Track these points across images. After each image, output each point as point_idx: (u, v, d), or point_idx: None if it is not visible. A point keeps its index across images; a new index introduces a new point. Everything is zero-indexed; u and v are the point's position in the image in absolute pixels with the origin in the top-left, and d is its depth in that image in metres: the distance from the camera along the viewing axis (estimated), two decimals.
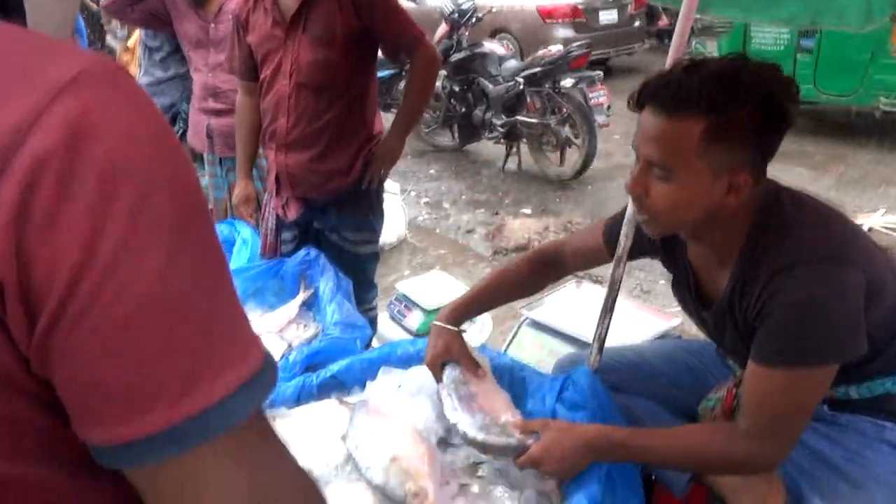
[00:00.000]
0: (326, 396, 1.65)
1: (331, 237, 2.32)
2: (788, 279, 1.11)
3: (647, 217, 1.21)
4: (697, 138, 1.09)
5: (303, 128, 2.16)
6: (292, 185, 2.26)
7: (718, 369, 1.53)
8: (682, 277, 1.39)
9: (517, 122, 5.48)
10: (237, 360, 0.46)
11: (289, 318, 2.16)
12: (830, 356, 1.13)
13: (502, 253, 4.21)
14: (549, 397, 1.45)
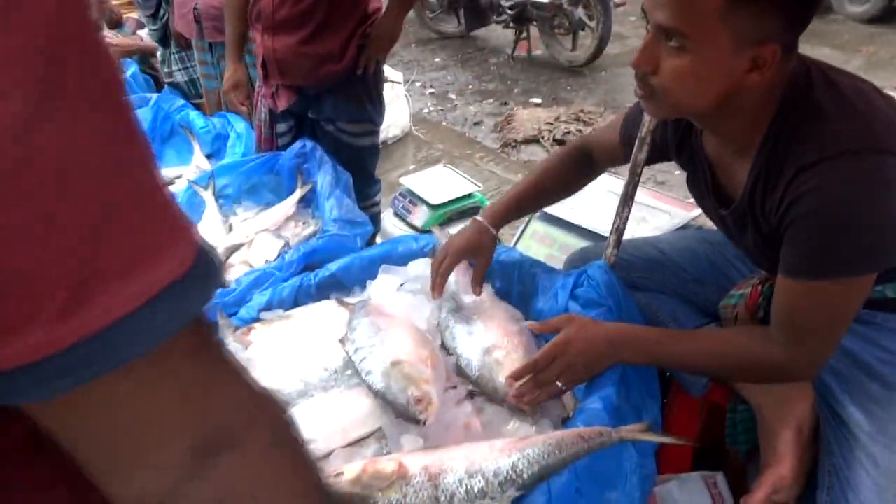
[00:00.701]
0: (326, 297, 1.57)
1: (327, 128, 2.15)
2: (818, 176, 0.95)
3: (651, 96, 1.04)
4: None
5: (290, 7, 1.95)
6: (281, 71, 2.07)
7: (743, 262, 1.41)
8: (698, 173, 1.24)
9: (527, 4, 5.14)
10: (154, 258, 0.34)
11: (286, 215, 2.06)
12: (869, 265, 1.00)
13: (511, 145, 4.04)
14: (561, 294, 1.35)
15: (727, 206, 1.18)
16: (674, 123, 1.25)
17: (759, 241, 1.14)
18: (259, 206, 2.19)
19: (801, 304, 1.05)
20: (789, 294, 1.06)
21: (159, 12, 2.96)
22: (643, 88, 1.04)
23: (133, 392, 0.35)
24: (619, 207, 1.32)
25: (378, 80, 2.17)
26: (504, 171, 3.66)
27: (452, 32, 6.16)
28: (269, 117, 2.22)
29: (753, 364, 1.13)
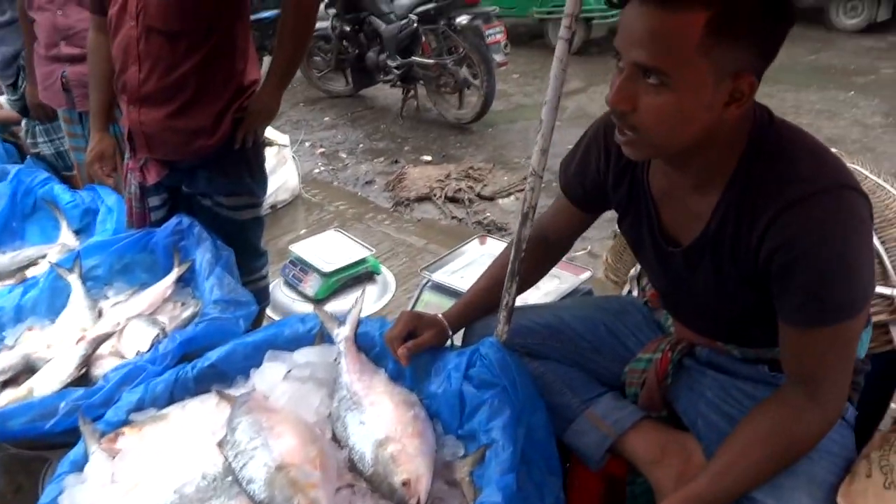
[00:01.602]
0: (205, 390, 1.45)
1: (203, 202, 2.03)
2: (803, 216, 0.97)
3: (631, 137, 1.02)
4: (700, 32, 0.91)
5: (157, 79, 1.84)
6: (149, 145, 1.95)
7: (642, 331, 1.42)
8: (640, 209, 1.22)
9: (413, 64, 5.23)
10: None
11: (162, 297, 1.92)
12: (866, 300, 1.03)
13: (404, 204, 4.02)
14: (454, 375, 1.31)
15: (676, 244, 1.18)
16: (616, 154, 1.22)
17: (713, 280, 1.13)
18: (132, 288, 2.03)
19: (810, 352, 1.05)
20: (796, 345, 1.06)
21: (18, 82, 2.76)
22: (623, 131, 1.03)
23: None
24: (507, 283, 1.30)
25: (258, 152, 2.08)
26: (397, 231, 3.63)
27: (341, 91, 6.16)
28: (140, 191, 2.07)
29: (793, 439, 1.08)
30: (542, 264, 1.51)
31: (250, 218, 2.11)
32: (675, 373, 1.31)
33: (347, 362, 1.40)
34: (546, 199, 3.91)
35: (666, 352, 1.31)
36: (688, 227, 1.14)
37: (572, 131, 5.31)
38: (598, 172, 1.28)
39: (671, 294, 1.32)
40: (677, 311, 1.35)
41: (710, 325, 1.28)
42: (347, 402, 1.31)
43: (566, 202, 1.39)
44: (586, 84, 6.08)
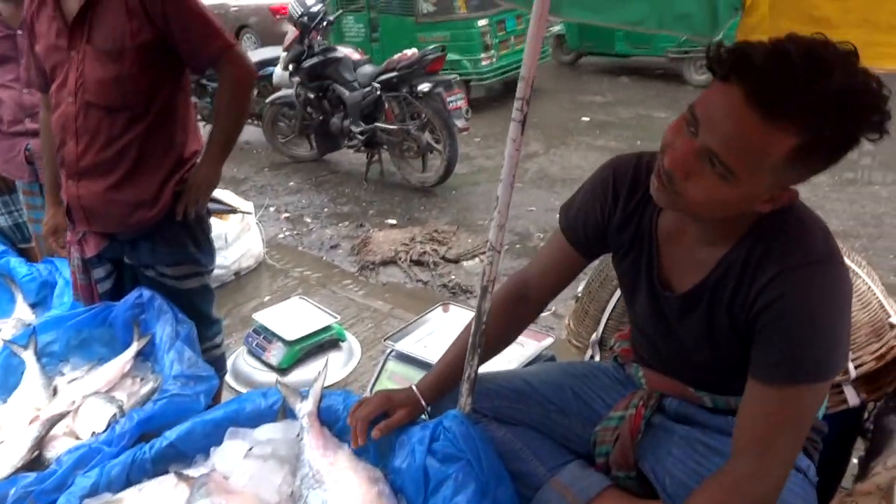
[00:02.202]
0: (164, 471, 1.42)
1: (147, 273, 2.02)
2: (798, 280, 1.03)
3: (669, 192, 1.05)
4: (784, 153, 0.94)
5: (95, 153, 1.85)
6: (88, 218, 1.94)
7: (607, 393, 1.44)
8: (642, 251, 1.25)
9: (376, 130, 5.32)
10: None
11: (121, 373, 1.88)
12: (837, 367, 1.07)
13: (369, 268, 4.03)
14: (419, 450, 1.30)
15: (671, 289, 1.21)
16: (627, 195, 1.25)
17: (703, 327, 1.17)
18: (90, 364, 1.98)
19: (772, 412, 1.07)
20: (761, 402, 1.09)
21: None
22: (662, 182, 1.06)
23: None
24: (469, 356, 1.31)
25: (202, 221, 2.06)
26: (363, 296, 3.63)
27: (305, 157, 6.22)
28: (83, 264, 2.06)
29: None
30: (520, 321, 1.51)
31: (197, 287, 2.09)
32: (644, 431, 1.33)
33: (310, 438, 1.38)
34: (509, 261, 3.97)
35: (639, 407, 1.33)
36: (688, 274, 1.19)
37: (533, 192, 5.44)
38: (602, 214, 1.30)
39: (656, 339, 1.35)
40: (656, 359, 1.38)
41: (686, 372, 1.31)
42: (310, 480, 1.29)
43: (563, 244, 1.40)
44: (546, 147, 6.25)
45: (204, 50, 1.84)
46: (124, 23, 1.76)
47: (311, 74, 5.59)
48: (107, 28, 1.77)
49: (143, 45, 1.77)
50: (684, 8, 1.87)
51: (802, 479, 1.22)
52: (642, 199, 1.25)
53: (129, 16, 1.75)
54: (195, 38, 1.82)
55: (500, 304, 1.45)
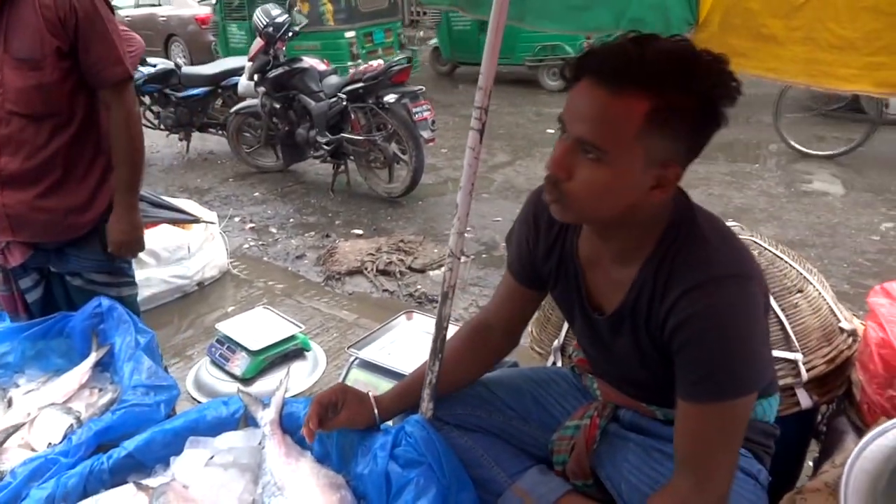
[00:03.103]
0: (122, 482, 1.39)
1: (74, 282, 2.01)
2: (702, 300, 1.05)
3: (560, 200, 1.09)
4: (641, 118, 0.99)
5: (21, 162, 1.84)
6: (14, 228, 1.91)
7: (567, 400, 1.46)
8: (569, 277, 1.29)
9: (343, 140, 5.33)
10: None
11: (80, 383, 1.84)
12: (756, 382, 1.10)
13: (335, 278, 4.02)
14: (380, 455, 1.30)
15: (600, 311, 1.23)
16: (546, 226, 1.29)
17: (632, 347, 1.20)
18: (46, 375, 1.94)
19: (702, 428, 1.10)
20: (691, 420, 1.11)
21: None
22: (552, 193, 1.09)
23: None
24: (430, 362, 1.32)
25: None
26: (328, 306, 3.62)
27: (271, 167, 6.19)
28: (4, 275, 2.03)
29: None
30: (486, 355, 1.51)
31: (128, 295, 2.10)
32: (600, 439, 1.35)
33: (272, 446, 1.38)
34: (476, 270, 4.00)
35: (594, 417, 1.36)
36: (611, 296, 1.22)
37: (499, 203, 5.49)
38: (528, 245, 1.35)
39: (598, 358, 1.38)
40: (604, 374, 1.40)
41: (634, 388, 1.34)
42: (272, 488, 1.29)
43: (510, 279, 1.44)
44: (512, 158, 6.31)
45: (105, 71, 1.85)
46: (42, 32, 1.75)
47: (277, 85, 5.58)
48: (24, 38, 1.77)
49: (59, 53, 1.77)
50: (643, 17, 1.92)
51: (754, 485, 1.25)
52: (562, 228, 1.29)
53: (44, 24, 1.75)
54: (99, 57, 1.83)
55: (462, 338, 1.48)
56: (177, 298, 3.55)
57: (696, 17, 1.91)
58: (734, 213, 4.77)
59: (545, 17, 1.94)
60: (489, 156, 6.24)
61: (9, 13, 1.75)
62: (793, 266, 1.79)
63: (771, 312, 1.63)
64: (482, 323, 1.47)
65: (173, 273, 3.51)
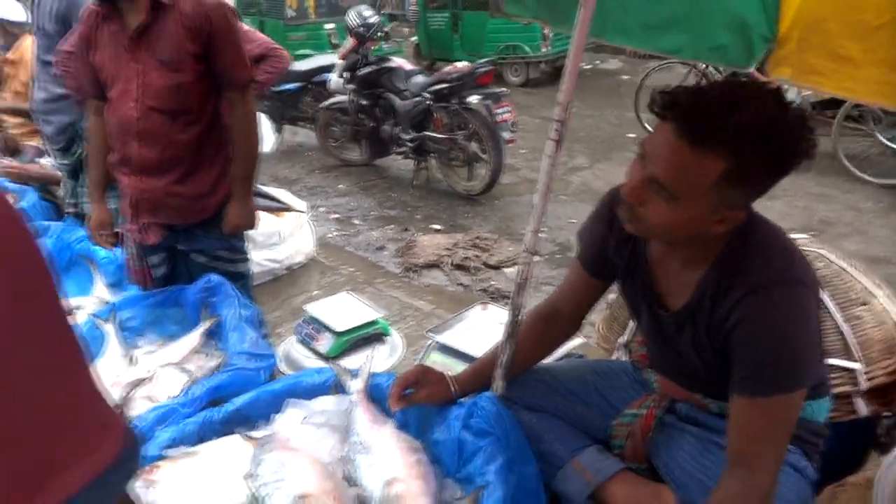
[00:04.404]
0: (231, 432, 1.61)
1: (197, 259, 2.31)
2: (759, 302, 1.17)
3: (632, 221, 1.23)
4: (715, 176, 1.10)
5: (158, 152, 2.12)
6: (152, 211, 2.22)
7: (627, 392, 1.58)
8: (637, 274, 1.42)
9: (425, 138, 5.53)
10: (91, 451, 0.43)
11: (191, 348, 2.09)
12: (803, 380, 1.20)
13: (413, 270, 4.22)
14: (455, 425, 1.47)
15: (666, 308, 1.36)
16: (619, 229, 1.38)
17: (693, 344, 1.32)
18: (162, 338, 2.21)
19: (751, 421, 1.21)
20: (741, 413, 1.23)
21: (72, 148, 3.01)
22: (626, 213, 1.24)
23: None
24: (503, 346, 1.47)
25: None
26: (406, 295, 3.81)
27: (356, 161, 6.46)
28: (138, 251, 2.33)
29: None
30: (552, 338, 1.67)
31: (244, 270, 2.41)
32: (657, 429, 1.47)
33: (360, 412, 1.56)
34: (549, 270, 4.11)
35: (651, 408, 1.48)
36: (677, 295, 1.34)
37: (577, 206, 5.54)
38: (602, 240, 1.48)
39: (659, 353, 1.50)
40: (664, 368, 1.52)
41: (692, 381, 1.45)
42: (358, 447, 1.47)
43: (579, 269, 1.57)
44: (591, 161, 6.37)
45: (232, 74, 2.11)
46: (181, 37, 2.02)
47: (366, 82, 5.83)
48: (166, 43, 2.03)
49: (196, 57, 2.03)
50: (722, 40, 1.99)
51: (799, 479, 1.34)
52: None
53: (184, 31, 2.01)
54: (227, 63, 2.08)
55: (531, 323, 1.62)
56: (268, 280, 3.83)
57: (775, 34, 1.97)
58: (817, 225, 4.69)
59: (625, 34, 2.04)
60: (568, 158, 6.31)
61: (155, 22, 2.01)
62: (858, 280, 1.84)
63: (830, 321, 1.71)
64: (549, 309, 1.61)
65: (266, 257, 3.77)
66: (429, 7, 10.66)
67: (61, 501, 0.41)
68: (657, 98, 1.16)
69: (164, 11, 2.01)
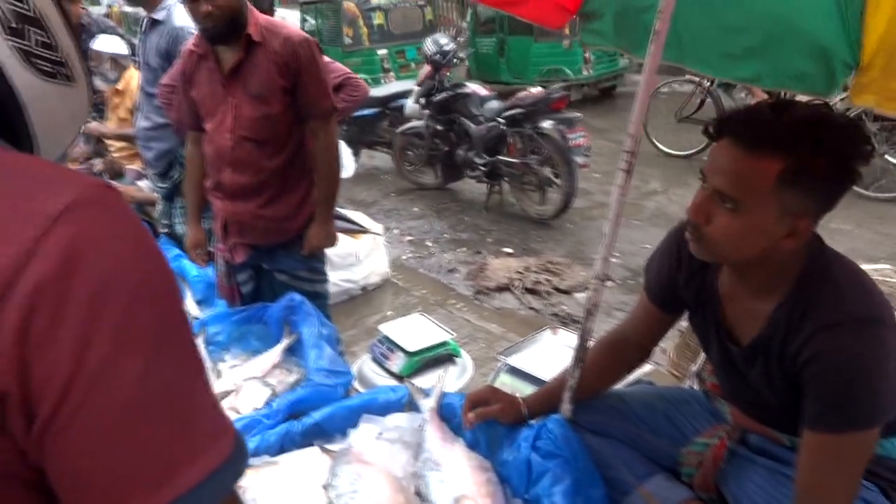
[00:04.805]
0: (309, 444, 1.70)
1: (279, 278, 2.46)
2: (834, 339, 1.16)
3: (700, 241, 1.25)
4: (774, 177, 1.13)
5: (248, 178, 2.28)
6: (240, 232, 2.39)
7: (698, 420, 1.58)
8: (707, 308, 1.43)
9: (498, 162, 5.60)
10: (210, 447, 0.51)
11: (273, 363, 2.20)
12: (878, 418, 1.19)
13: (484, 293, 4.27)
14: (524, 446, 1.50)
15: (736, 342, 1.37)
16: (689, 258, 1.41)
17: (765, 377, 1.32)
18: (246, 353, 2.33)
19: (822, 457, 1.21)
20: (812, 449, 1.22)
21: (169, 172, 3.23)
22: (693, 234, 1.26)
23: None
24: (572, 369, 1.50)
25: None
26: (477, 318, 3.86)
27: (430, 184, 6.59)
28: (227, 270, 2.48)
29: None
30: (620, 367, 1.68)
31: (322, 290, 2.55)
32: (728, 459, 1.47)
33: (431, 429, 1.62)
34: (621, 295, 4.08)
35: (723, 439, 1.47)
36: (747, 328, 1.34)
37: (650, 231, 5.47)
38: (670, 274, 1.50)
39: (731, 385, 1.49)
40: (736, 400, 1.51)
41: (764, 414, 1.44)
42: (430, 463, 1.53)
43: (646, 301, 1.59)
44: (665, 186, 6.28)
45: (316, 105, 2.26)
46: (272, 73, 2.18)
47: (441, 108, 5.96)
48: (258, 77, 2.19)
49: (284, 90, 2.19)
50: (802, 68, 1.98)
51: None
52: (704, 262, 1.41)
53: (274, 67, 2.17)
54: (311, 94, 2.23)
55: (599, 350, 1.64)
56: (344, 300, 3.96)
57: (857, 61, 1.94)
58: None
59: (701, 62, 2.05)
60: (642, 182, 6.25)
61: (248, 59, 2.18)
62: None
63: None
64: (618, 337, 1.63)
65: (343, 277, 3.91)
66: (478, 32, 11.00)
67: (178, 496, 0.48)
68: (710, 128, 1.22)
69: (256, 49, 2.16)
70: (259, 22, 2.19)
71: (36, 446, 0.47)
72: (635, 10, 1.94)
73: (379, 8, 10.05)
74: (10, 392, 0.45)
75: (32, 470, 0.48)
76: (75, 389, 0.45)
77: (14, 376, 0.44)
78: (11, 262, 0.44)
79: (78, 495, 0.48)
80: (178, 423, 0.50)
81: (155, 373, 0.49)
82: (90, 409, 0.46)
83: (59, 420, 0.46)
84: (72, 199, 0.47)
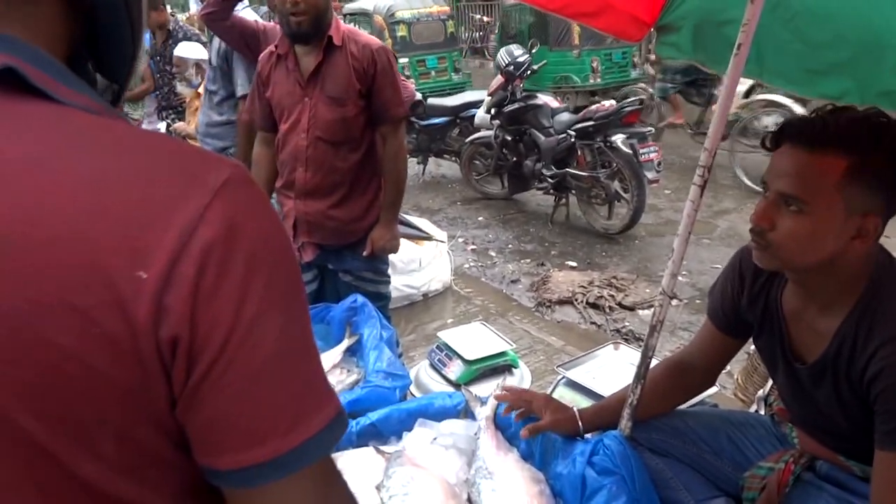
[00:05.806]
0: (364, 444, 1.72)
1: (344, 278, 2.51)
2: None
3: (766, 248, 1.22)
4: (840, 174, 1.12)
5: (321, 178, 2.34)
6: (310, 231, 2.43)
7: (762, 444, 1.53)
8: (773, 327, 1.39)
9: (567, 175, 5.55)
10: (325, 405, 0.57)
11: (333, 363, 2.24)
12: None
13: (546, 305, 4.23)
14: (579, 460, 1.48)
15: (802, 361, 1.33)
16: (752, 278, 1.40)
17: (835, 397, 1.27)
18: None
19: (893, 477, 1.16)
20: (885, 468, 1.18)
21: None
22: (758, 241, 1.24)
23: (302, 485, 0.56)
24: (633, 386, 1.47)
25: None
26: (537, 330, 3.83)
27: (496, 194, 6.59)
28: None
29: None
30: (684, 391, 1.64)
31: (385, 292, 2.59)
32: (793, 484, 1.41)
33: (486, 438, 1.61)
34: (688, 315, 3.98)
35: (789, 463, 1.42)
36: (813, 347, 1.30)
37: (721, 249, 5.33)
38: (733, 296, 1.46)
39: (798, 408, 1.44)
40: (804, 424, 1.45)
41: (833, 439, 1.38)
42: (483, 472, 1.52)
43: (709, 325, 1.56)
44: (738, 204, 6.09)
45: (389, 110, 2.32)
46: (349, 76, 2.24)
47: (511, 118, 5.96)
48: (336, 80, 2.26)
49: (360, 94, 2.25)
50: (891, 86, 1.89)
51: None
52: (767, 281, 1.38)
53: (352, 70, 2.24)
54: (384, 100, 2.29)
55: (663, 372, 1.60)
56: (404, 305, 3.99)
57: None
58: None
59: (782, 77, 1.99)
60: (714, 201, 6.08)
61: (327, 62, 2.24)
62: None
63: None
64: (682, 361, 1.59)
65: (405, 282, 3.94)
66: (504, 41, 11.01)
67: (306, 439, 0.54)
68: (767, 141, 1.23)
69: (335, 52, 2.23)
70: (340, 27, 2.26)
71: (190, 393, 0.52)
72: (715, 23, 1.89)
73: (403, 21, 10.58)
74: (182, 337, 0.50)
75: (175, 423, 0.54)
76: (233, 340, 0.51)
77: (187, 323, 0.50)
78: (187, 224, 0.51)
79: (221, 437, 0.53)
80: (306, 375, 0.56)
81: (290, 328, 0.55)
82: (243, 358, 0.52)
83: (217, 367, 0.52)
84: (227, 175, 0.54)
